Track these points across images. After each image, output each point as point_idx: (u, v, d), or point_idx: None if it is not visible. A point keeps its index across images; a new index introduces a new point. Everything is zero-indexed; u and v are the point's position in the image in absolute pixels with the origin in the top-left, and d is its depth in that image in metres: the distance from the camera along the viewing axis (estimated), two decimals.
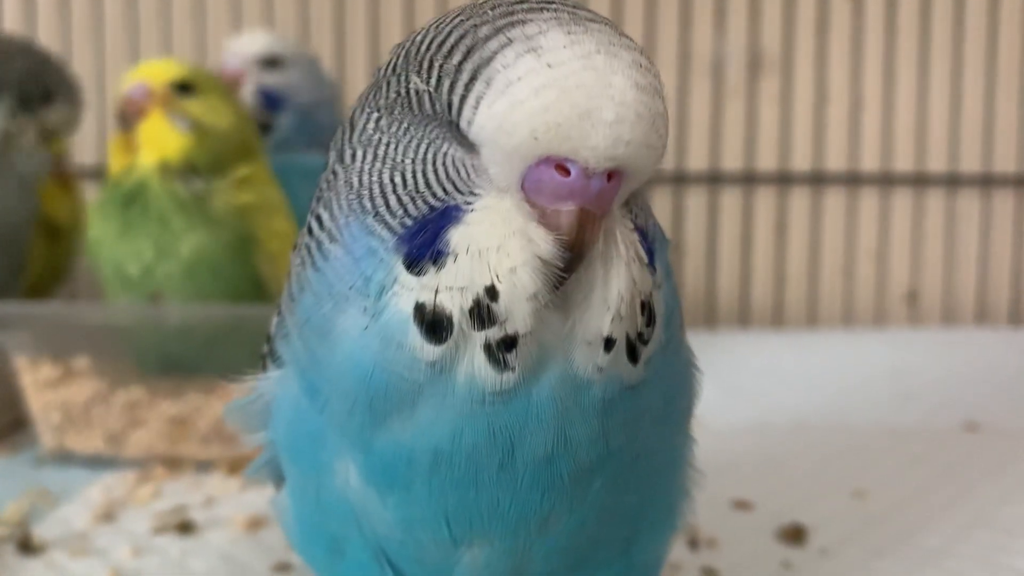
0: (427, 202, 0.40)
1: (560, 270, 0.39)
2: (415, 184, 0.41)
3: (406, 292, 0.40)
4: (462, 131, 0.39)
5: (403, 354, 0.40)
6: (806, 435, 0.98)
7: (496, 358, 0.39)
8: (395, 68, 0.42)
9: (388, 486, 0.43)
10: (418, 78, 0.40)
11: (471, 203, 0.40)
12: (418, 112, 0.41)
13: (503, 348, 0.39)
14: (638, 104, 0.38)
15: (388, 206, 0.41)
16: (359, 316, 0.41)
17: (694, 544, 0.73)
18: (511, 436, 0.41)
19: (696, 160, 1.47)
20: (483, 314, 0.39)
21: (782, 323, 1.50)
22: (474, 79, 0.38)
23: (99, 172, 1.32)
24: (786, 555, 0.72)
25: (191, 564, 0.71)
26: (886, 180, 1.48)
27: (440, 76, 0.39)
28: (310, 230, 0.44)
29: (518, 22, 0.39)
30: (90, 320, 0.93)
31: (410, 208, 0.40)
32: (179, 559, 0.71)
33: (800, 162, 1.48)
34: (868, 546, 0.73)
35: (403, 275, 0.40)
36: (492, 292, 0.39)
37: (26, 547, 0.72)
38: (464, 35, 0.39)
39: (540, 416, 0.40)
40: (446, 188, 0.40)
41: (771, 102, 1.47)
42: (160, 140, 0.90)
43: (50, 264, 1.09)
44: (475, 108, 0.38)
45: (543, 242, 0.39)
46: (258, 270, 0.93)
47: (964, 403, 1.09)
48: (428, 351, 0.39)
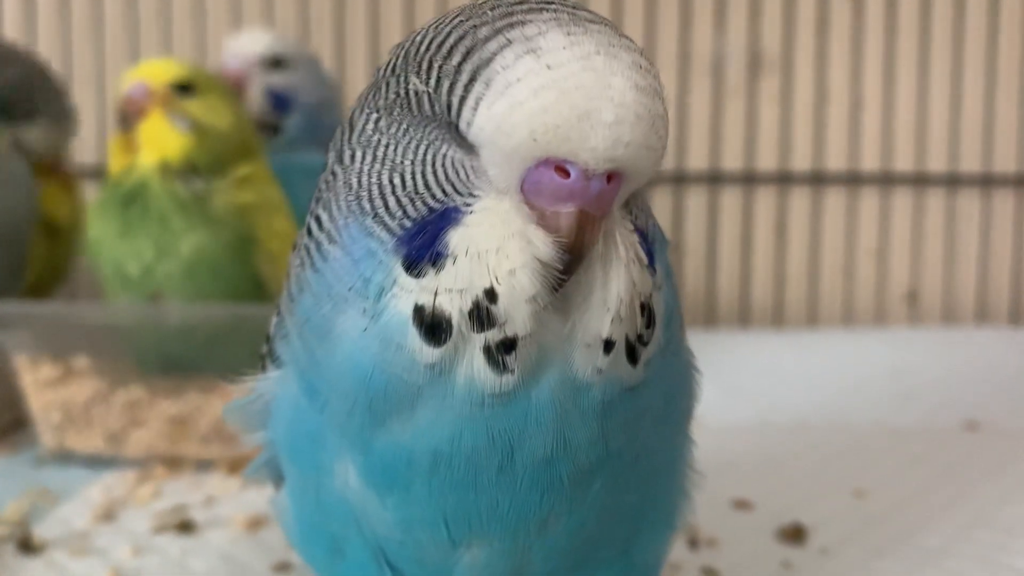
0: (426, 204, 0.40)
1: (559, 272, 0.39)
2: (414, 185, 0.41)
3: (405, 294, 0.39)
4: (461, 132, 0.39)
5: (402, 356, 0.40)
6: (806, 435, 0.98)
7: (495, 360, 0.39)
8: (394, 69, 0.42)
9: (387, 487, 0.43)
10: (417, 79, 0.40)
11: (470, 205, 0.40)
12: (417, 113, 0.41)
13: (502, 350, 0.39)
14: (638, 105, 0.38)
15: (387, 207, 0.41)
16: (358, 317, 0.41)
17: (694, 544, 0.73)
18: (510, 438, 0.41)
19: (696, 160, 1.47)
20: (482, 316, 0.39)
21: (782, 323, 1.50)
22: (473, 80, 0.38)
23: (99, 172, 1.32)
24: (786, 555, 0.72)
25: (191, 564, 0.71)
26: (886, 180, 1.48)
27: (439, 77, 0.39)
28: (309, 231, 0.44)
29: (518, 23, 0.39)
30: (90, 320, 0.93)
31: (409, 210, 0.40)
32: (179, 559, 0.71)
33: (800, 162, 1.47)
34: (868, 546, 0.73)
35: (402, 277, 0.40)
36: (491, 294, 0.38)
37: (26, 546, 0.72)
38: (464, 36, 0.39)
39: (539, 418, 0.40)
40: (445, 190, 0.40)
41: (771, 102, 1.47)
42: (160, 140, 0.90)
43: (50, 264, 1.09)
44: (474, 109, 0.38)
45: (542, 244, 0.39)
46: (258, 270, 0.93)
47: (964, 403, 1.09)
48: (427, 353, 0.39)
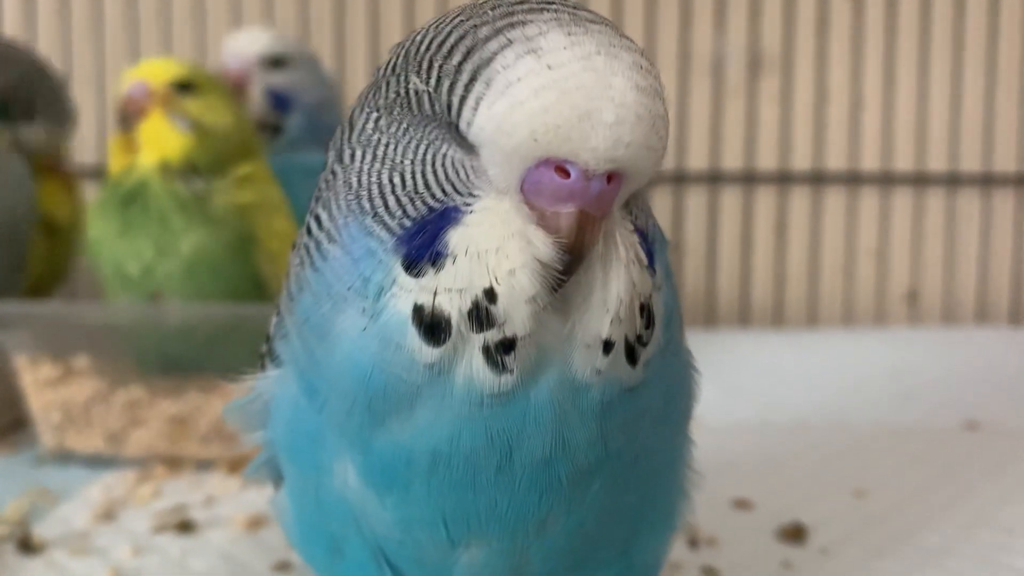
0: (426, 203, 0.40)
1: (559, 272, 0.39)
2: (414, 185, 0.41)
3: (405, 293, 0.39)
4: (461, 132, 0.39)
5: (401, 355, 0.40)
6: (806, 434, 0.98)
7: (494, 360, 0.39)
8: (394, 68, 0.42)
9: (387, 486, 0.43)
10: (417, 78, 0.40)
11: (470, 204, 0.40)
12: (417, 112, 0.41)
13: (501, 350, 0.39)
14: (638, 106, 0.38)
15: (387, 207, 0.41)
16: (358, 317, 0.41)
17: (694, 543, 0.73)
18: (509, 438, 0.40)
19: (696, 160, 1.47)
20: (481, 316, 0.39)
21: (782, 323, 1.50)
22: (474, 80, 0.38)
23: (99, 172, 1.32)
24: (786, 554, 0.72)
25: (191, 563, 0.71)
26: (886, 180, 1.48)
27: (440, 76, 0.39)
28: (309, 230, 0.44)
29: (518, 23, 0.39)
30: (90, 319, 0.93)
31: (409, 209, 0.40)
32: (179, 558, 0.71)
33: (800, 162, 1.47)
34: (868, 545, 0.73)
35: (402, 276, 0.40)
36: (491, 294, 0.38)
37: (26, 546, 0.72)
38: (464, 35, 0.39)
39: (538, 419, 0.40)
40: (445, 189, 0.40)
41: (771, 102, 1.47)
42: (161, 140, 0.90)
43: (50, 264, 1.09)
44: (475, 109, 0.38)
45: (542, 244, 0.39)
46: (258, 269, 0.93)
47: (964, 402, 1.09)
48: (426, 353, 0.39)
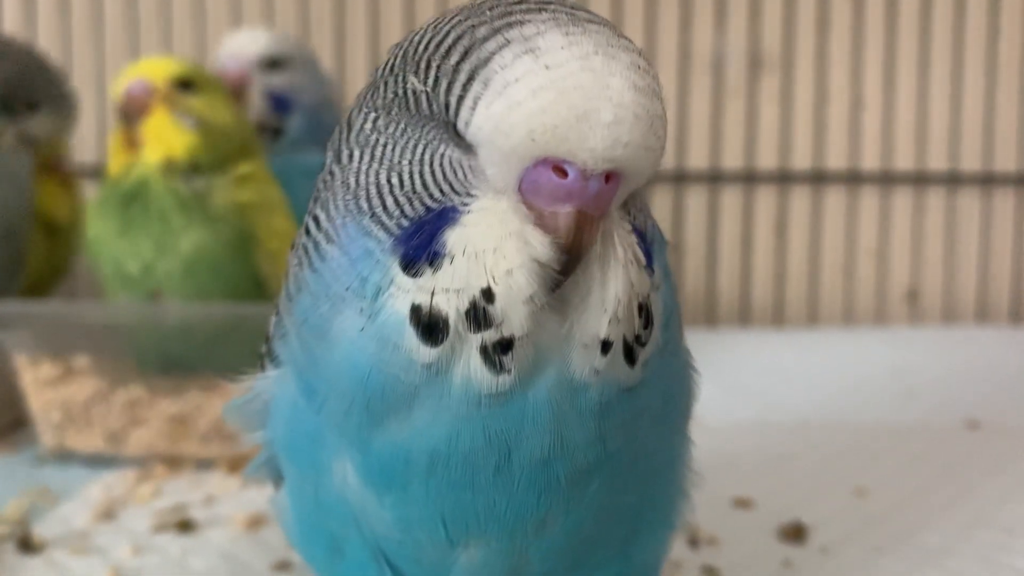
0: (424, 203, 0.40)
1: (557, 272, 0.39)
2: (412, 185, 0.41)
3: (402, 294, 0.39)
4: (459, 132, 0.39)
5: (399, 356, 0.40)
6: (807, 434, 0.98)
7: (492, 360, 0.39)
8: (393, 68, 0.42)
9: (385, 486, 0.43)
10: (416, 78, 0.40)
11: (468, 204, 0.40)
12: (415, 113, 0.41)
13: (499, 351, 0.39)
14: (636, 106, 0.38)
15: (385, 207, 0.41)
16: (356, 317, 0.41)
17: (694, 542, 0.73)
18: (507, 439, 0.40)
19: (696, 159, 1.47)
20: (479, 316, 0.39)
21: (782, 322, 1.50)
22: (471, 80, 0.38)
23: (99, 171, 1.31)
24: (787, 553, 0.72)
25: (191, 563, 0.71)
26: (886, 179, 1.48)
27: (438, 76, 0.39)
28: (307, 230, 0.44)
29: (516, 23, 0.39)
30: (90, 319, 0.93)
31: (407, 209, 0.40)
32: (179, 558, 0.71)
33: (800, 161, 1.47)
34: (869, 544, 0.73)
35: (399, 276, 0.40)
36: (488, 294, 0.38)
37: (26, 546, 0.72)
38: (462, 35, 0.39)
39: (536, 419, 0.40)
40: (443, 189, 0.40)
41: (771, 101, 1.47)
42: (166, 137, 0.89)
43: (49, 263, 1.09)
44: (472, 109, 0.38)
45: (540, 244, 0.39)
46: (258, 268, 0.93)
47: (965, 401, 1.08)
48: (424, 353, 0.39)
